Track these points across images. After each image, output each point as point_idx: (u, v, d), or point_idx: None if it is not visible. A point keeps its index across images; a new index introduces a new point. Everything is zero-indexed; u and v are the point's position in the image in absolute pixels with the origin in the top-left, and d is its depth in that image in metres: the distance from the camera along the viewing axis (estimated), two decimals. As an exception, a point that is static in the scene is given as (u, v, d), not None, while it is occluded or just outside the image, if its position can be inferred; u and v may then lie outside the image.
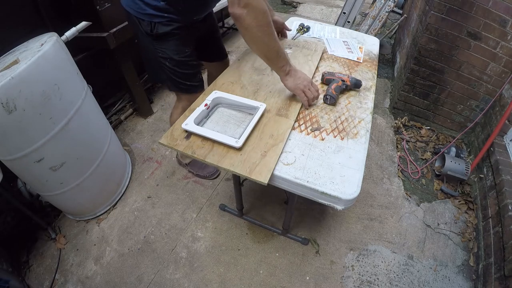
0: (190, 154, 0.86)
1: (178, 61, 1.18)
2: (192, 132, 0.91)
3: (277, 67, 0.99)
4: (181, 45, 1.17)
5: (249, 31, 0.87)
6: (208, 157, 0.85)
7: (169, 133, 0.92)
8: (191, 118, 0.93)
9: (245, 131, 0.89)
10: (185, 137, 0.91)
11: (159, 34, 1.10)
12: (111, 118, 2.11)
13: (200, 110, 0.97)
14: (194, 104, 1.03)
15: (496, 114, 1.75)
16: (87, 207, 1.54)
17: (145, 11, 1.06)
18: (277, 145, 0.88)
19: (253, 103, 1.00)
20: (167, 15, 1.07)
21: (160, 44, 1.14)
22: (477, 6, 1.62)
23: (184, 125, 0.91)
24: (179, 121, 0.95)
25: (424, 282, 1.37)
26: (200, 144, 0.89)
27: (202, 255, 1.44)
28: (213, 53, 1.48)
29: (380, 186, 1.78)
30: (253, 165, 0.82)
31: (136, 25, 1.11)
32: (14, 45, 1.23)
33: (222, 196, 1.70)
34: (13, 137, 1.06)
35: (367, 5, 3.19)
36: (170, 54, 1.16)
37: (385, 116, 2.30)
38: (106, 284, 1.35)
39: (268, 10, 0.88)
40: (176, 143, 0.89)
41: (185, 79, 1.25)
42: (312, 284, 1.35)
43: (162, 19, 1.07)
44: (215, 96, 1.03)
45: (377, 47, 1.50)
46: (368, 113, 1.05)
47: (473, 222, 1.61)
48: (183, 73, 1.23)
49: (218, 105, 1.06)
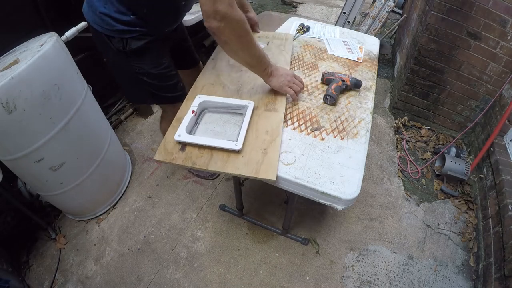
0: (191, 166, 0.82)
1: (156, 74, 1.12)
2: (187, 142, 0.86)
3: (260, 72, 0.98)
4: (157, 58, 1.11)
5: (229, 44, 0.85)
6: (210, 165, 0.82)
7: (161, 148, 0.86)
8: (182, 128, 0.88)
9: (240, 132, 0.87)
10: (180, 149, 0.86)
11: (132, 49, 1.03)
12: (111, 118, 2.11)
13: (188, 118, 0.92)
14: (179, 113, 0.97)
15: (496, 114, 1.75)
16: (87, 207, 1.54)
17: (115, 27, 0.98)
18: (274, 140, 0.88)
19: (240, 102, 0.98)
20: (139, 29, 1.00)
21: (135, 60, 1.07)
22: (477, 6, 1.62)
23: (177, 136, 0.86)
24: (169, 134, 0.90)
25: (424, 282, 1.38)
26: (198, 153, 0.85)
27: (202, 255, 1.44)
28: (185, 61, 1.43)
29: (380, 186, 1.78)
30: (257, 164, 0.82)
31: (106, 43, 1.03)
32: (14, 45, 1.22)
33: (222, 196, 1.70)
34: (13, 137, 1.06)
35: (367, 5, 3.19)
36: (147, 69, 1.10)
37: (385, 116, 2.30)
38: (106, 284, 1.35)
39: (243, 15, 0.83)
40: (173, 157, 0.84)
41: (166, 91, 1.19)
42: (312, 284, 1.35)
43: (134, 34, 1.01)
44: (200, 101, 0.98)
45: (377, 47, 1.50)
46: (368, 113, 1.05)
47: (473, 222, 1.61)
48: (164, 85, 1.17)
49: (205, 109, 1.02)
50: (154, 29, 1.04)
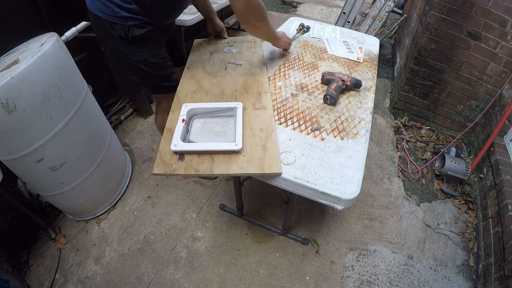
0: (195, 174, 0.82)
1: (154, 63, 1.16)
2: (185, 151, 0.85)
3: (273, 39, 1.24)
4: (156, 47, 1.16)
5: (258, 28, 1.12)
6: (214, 169, 0.81)
7: (158, 161, 0.84)
8: (176, 138, 0.86)
9: (237, 132, 0.88)
10: (178, 159, 0.84)
11: (134, 36, 1.06)
12: (111, 118, 2.11)
13: (180, 128, 0.90)
14: (168, 124, 0.96)
15: (496, 114, 1.75)
16: (87, 207, 1.54)
17: (118, 14, 1.02)
18: (270, 135, 0.89)
19: (228, 104, 0.99)
20: (141, 17, 1.05)
21: (136, 47, 1.11)
22: (477, 6, 1.62)
23: (173, 146, 0.84)
24: (163, 146, 0.88)
25: (424, 282, 1.37)
26: (198, 160, 0.84)
27: (202, 255, 1.44)
28: (175, 58, 1.43)
29: (380, 186, 1.78)
30: (260, 161, 0.82)
31: (107, 30, 1.06)
32: (14, 45, 1.22)
33: (222, 196, 1.70)
34: (13, 137, 1.06)
35: (367, 5, 3.19)
36: (146, 57, 1.13)
37: (385, 116, 2.30)
38: (106, 284, 1.35)
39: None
40: (173, 168, 0.82)
41: (163, 80, 1.23)
42: (312, 284, 1.35)
43: (136, 22, 1.05)
44: (188, 109, 0.97)
45: (377, 47, 1.50)
46: (368, 113, 1.05)
47: (473, 222, 1.61)
48: (161, 74, 1.21)
49: (193, 116, 1.01)
50: (155, 19, 1.09)
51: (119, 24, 1.04)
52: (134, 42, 1.09)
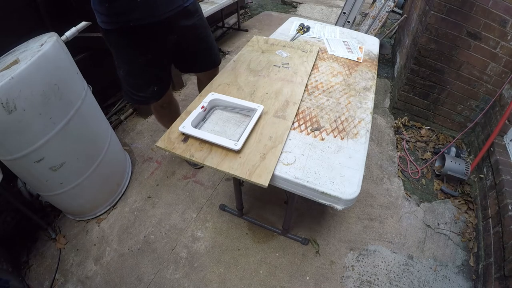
0: (189, 158, 0.85)
1: (129, 70, 1.13)
2: (189, 135, 0.89)
3: None
4: (134, 55, 1.11)
5: None
6: (206, 160, 0.84)
7: (166, 136, 0.91)
8: (188, 121, 0.92)
9: (243, 133, 0.88)
10: (182, 140, 0.89)
11: (110, 41, 1.07)
12: (111, 118, 2.11)
13: (197, 113, 0.95)
14: (190, 106, 1.02)
15: (496, 114, 1.75)
16: (87, 207, 1.54)
17: (99, 19, 1.04)
18: (276, 147, 0.88)
19: (250, 104, 0.99)
20: (103, 15, 1.04)
21: (114, 52, 1.10)
22: (477, 6, 1.62)
23: (182, 127, 0.89)
24: (176, 124, 0.93)
25: (424, 282, 1.37)
26: (198, 147, 0.88)
27: (202, 255, 1.44)
28: (195, 64, 1.38)
29: (380, 186, 1.78)
30: (252, 167, 0.82)
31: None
32: (14, 45, 1.23)
33: (222, 196, 1.70)
34: (13, 137, 1.06)
35: (367, 5, 3.19)
36: (121, 63, 1.11)
37: (385, 116, 2.30)
38: (106, 284, 1.35)
39: None
40: (174, 146, 0.87)
41: (136, 89, 1.18)
42: (312, 284, 1.35)
43: (109, 26, 1.04)
44: (211, 98, 1.01)
45: (377, 47, 1.50)
46: (368, 113, 1.05)
47: (473, 222, 1.61)
48: (134, 83, 1.17)
49: (215, 107, 1.04)
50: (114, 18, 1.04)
51: (102, 30, 1.06)
52: (112, 47, 1.09)
